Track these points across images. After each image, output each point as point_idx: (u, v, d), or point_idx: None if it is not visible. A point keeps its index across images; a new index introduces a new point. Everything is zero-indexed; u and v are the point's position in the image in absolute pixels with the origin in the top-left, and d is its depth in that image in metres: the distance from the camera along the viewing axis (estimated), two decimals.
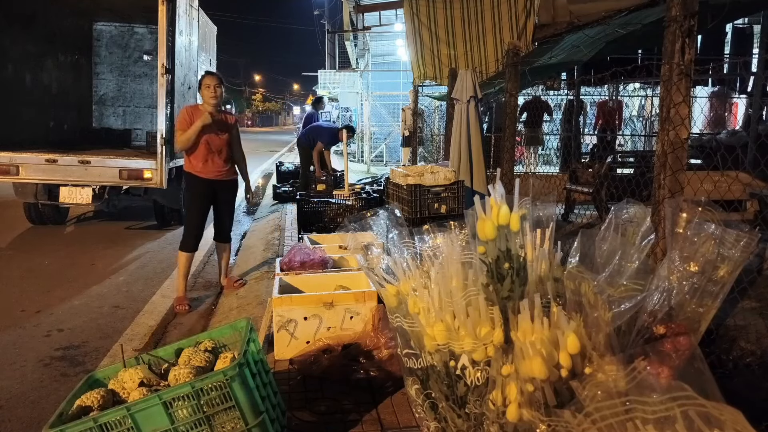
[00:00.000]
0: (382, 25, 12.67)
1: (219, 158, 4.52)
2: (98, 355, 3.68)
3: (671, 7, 2.44)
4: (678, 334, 1.59)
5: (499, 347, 1.86)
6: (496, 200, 2.01)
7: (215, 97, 4.39)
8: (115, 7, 8.19)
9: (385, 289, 2.24)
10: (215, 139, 4.46)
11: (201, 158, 4.46)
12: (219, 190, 4.61)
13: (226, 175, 4.62)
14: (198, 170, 4.48)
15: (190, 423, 1.98)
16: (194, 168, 4.49)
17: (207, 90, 4.39)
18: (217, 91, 4.39)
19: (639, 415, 1.34)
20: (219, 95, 4.42)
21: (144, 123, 9.25)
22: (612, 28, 5.31)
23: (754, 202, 5.54)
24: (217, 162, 4.51)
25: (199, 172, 4.48)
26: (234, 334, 2.46)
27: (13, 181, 6.73)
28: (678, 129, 2.46)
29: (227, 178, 4.63)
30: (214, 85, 4.38)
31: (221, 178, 4.57)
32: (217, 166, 4.52)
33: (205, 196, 4.56)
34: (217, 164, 4.52)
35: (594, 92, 11.34)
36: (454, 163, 5.57)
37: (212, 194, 4.59)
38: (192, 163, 4.50)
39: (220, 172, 4.55)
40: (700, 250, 1.70)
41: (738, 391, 2.56)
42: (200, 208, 4.58)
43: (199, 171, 4.48)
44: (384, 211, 3.67)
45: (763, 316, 3.46)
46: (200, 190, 4.54)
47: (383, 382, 2.74)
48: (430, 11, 7.46)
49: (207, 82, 4.41)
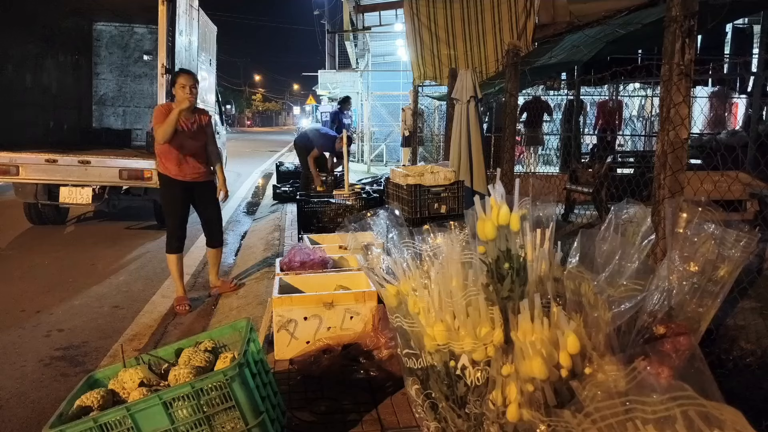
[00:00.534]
0: (382, 25, 12.67)
1: (194, 160, 4.39)
2: (98, 355, 3.68)
3: (671, 7, 2.43)
4: (678, 334, 1.59)
5: (499, 347, 1.86)
6: (496, 200, 2.01)
7: (191, 96, 4.18)
8: (115, 7, 8.19)
9: (385, 289, 2.24)
10: (189, 141, 4.32)
11: (174, 161, 4.32)
12: (198, 192, 4.50)
13: (204, 177, 4.49)
14: (173, 173, 4.35)
15: (190, 423, 1.98)
16: (169, 171, 4.35)
17: (182, 90, 4.16)
18: (192, 91, 4.18)
19: (639, 415, 1.34)
20: (195, 95, 4.22)
21: (144, 123, 9.24)
22: (612, 28, 5.32)
23: (754, 202, 5.54)
24: (192, 164, 4.38)
25: (175, 175, 4.35)
26: (234, 334, 2.46)
27: (13, 181, 6.73)
28: (678, 129, 2.46)
29: (205, 179, 4.51)
30: (189, 85, 4.18)
31: (199, 180, 4.45)
32: (192, 169, 4.39)
33: (182, 199, 4.44)
34: (192, 166, 4.39)
35: (594, 92, 11.34)
36: (454, 163, 5.57)
37: (190, 196, 4.47)
38: (166, 166, 4.36)
39: (197, 173, 4.43)
40: (700, 250, 1.70)
41: (738, 391, 2.56)
42: (179, 211, 4.47)
43: (175, 174, 4.35)
44: (384, 211, 3.68)
45: (763, 316, 3.47)
46: (176, 193, 4.41)
47: (383, 382, 2.74)
48: (430, 11, 7.46)
49: (182, 82, 4.18)
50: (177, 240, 4.50)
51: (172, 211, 4.51)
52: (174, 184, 4.39)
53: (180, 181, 4.39)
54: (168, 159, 4.33)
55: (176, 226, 4.49)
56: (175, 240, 4.49)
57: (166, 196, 4.51)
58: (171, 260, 4.50)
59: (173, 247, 4.49)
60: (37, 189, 6.87)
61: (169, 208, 4.53)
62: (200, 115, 4.49)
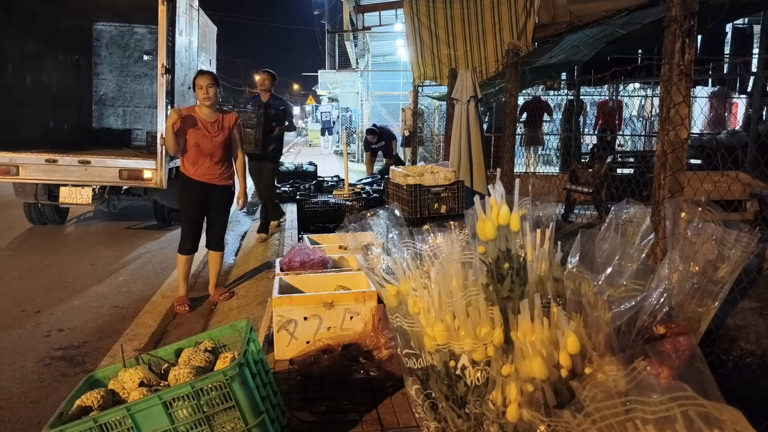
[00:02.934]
0: (382, 25, 12.69)
1: (210, 161, 4.32)
2: (98, 355, 3.68)
3: (671, 7, 2.44)
4: (678, 334, 1.59)
5: (499, 347, 1.86)
6: (496, 200, 2.01)
7: (209, 98, 4.20)
8: (115, 7, 8.18)
9: (385, 289, 2.23)
10: (206, 142, 4.26)
11: (191, 160, 4.31)
12: (211, 194, 4.41)
13: (219, 180, 4.40)
14: (189, 173, 4.33)
15: (190, 423, 1.98)
16: (186, 170, 4.35)
17: (200, 91, 4.20)
18: (209, 92, 4.19)
19: (639, 415, 1.34)
20: (213, 95, 4.22)
21: (144, 123, 9.24)
22: (612, 28, 5.32)
23: (754, 202, 5.54)
24: (207, 165, 4.32)
25: (191, 175, 4.33)
26: (234, 334, 2.46)
27: (13, 181, 6.72)
28: (678, 129, 2.46)
29: (220, 183, 4.41)
30: (206, 85, 4.18)
31: (213, 183, 4.37)
32: (207, 170, 4.33)
33: (196, 199, 4.38)
34: (207, 168, 4.32)
35: (594, 92, 11.34)
36: (454, 163, 5.57)
37: (204, 198, 4.40)
38: (184, 165, 4.37)
39: (211, 176, 4.35)
40: (700, 251, 1.70)
41: (738, 391, 2.56)
42: (191, 210, 4.41)
43: (191, 174, 4.33)
44: (384, 211, 3.67)
45: (763, 316, 3.46)
46: (190, 192, 4.37)
47: (383, 382, 2.74)
48: (430, 11, 7.46)
49: (199, 83, 4.21)
50: (189, 241, 4.45)
51: (185, 211, 4.48)
52: (190, 183, 4.36)
53: (196, 181, 4.34)
54: (186, 157, 4.35)
55: (188, 226, 4.44)
56: (187, 241, 4.45)
57: (181, 195, 4.49)
58: (179, 260, 4.49)
59: (185, 249, 4.45)
60: (37, 189, 6.87)
61: (182, 207, 4.51)
62: (224, 115, 4.39)
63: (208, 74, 4.36)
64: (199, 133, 4.25)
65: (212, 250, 4.64)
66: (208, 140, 4.28)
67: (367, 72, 18.34)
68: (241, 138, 4.55)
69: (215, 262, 4.68)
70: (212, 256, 4.67)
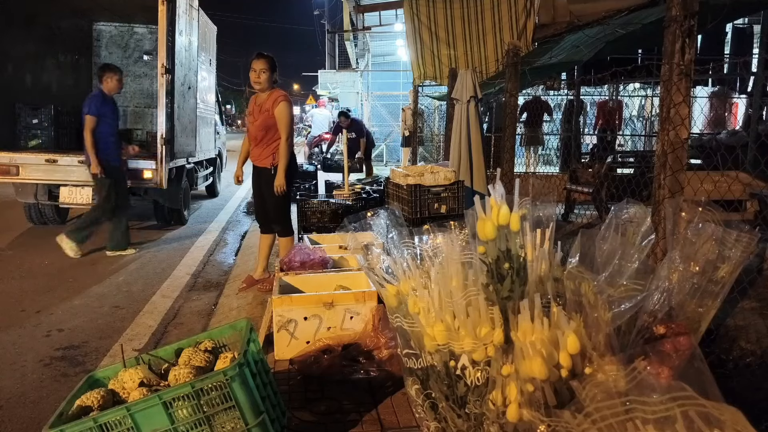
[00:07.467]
0: (382, 25, 12.69)
1: (254, 144, 4.46)
2: (98, 355, 3.68)
3: (671, 7, 2.44)
4: (678, 334, 1.59)
5: (499, 347, 1.86)
6: (496, 200, 2.01)
7: (258, 82, 4.28)
8: (115, 7, 8.19)
9: (385, 289, 2.23)
10: (251, 125, 4.44)
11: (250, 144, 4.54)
12: (260, 177, 4.51)
13: (262, 162, 4.46)
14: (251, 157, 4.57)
15: (190, 423, 1.98)
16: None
17: (252, 73, 4.31)
18: (261, 76, 4.26)
19: (639, 415, 1.34)
20: (264, 80, 4.26)
21: (144, 123, 9.25)
22: (612, 28, 5.32)
23: (754, 202, 5.54)
24: (254, 148, 4.47)
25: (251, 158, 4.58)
26: (234, 334, 2.45)
27: (13, 181, 6.73)
28: (678, 129, 2.46)
29: (262, 165, 4.47)
30: (259, 69, 4.27)
31: (258, 165, 4.50)
32: (254, 152, 4.49)
33: (254, 182, 4.60)
34: (253, 150, 4.48)
35: (594, 92, 11.34)
36: (454, 163, 5.57)
37: (258, 180, 4.55)
38: None
39: (256, 158, 4.49)
40: (700, 251, 1.70)
41: (738, 391, 2.56)
42: (254, 193, 4.70)
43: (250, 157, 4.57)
44: (384, 211, 3.67)
45: (763, 316, 3.46)
46: (253, 177, 4.60)
47: (383, 382, 2.74)
48: (430, 11, 7.46)
49: (253, 66, 4.31)
50: (260, 223, 4.72)
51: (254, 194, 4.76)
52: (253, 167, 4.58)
53: (253, 165, 4.57)
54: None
55: (255, 208, 4.77)
56: (259, 221, 4.72)
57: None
58: (260, 239, 4.75)
59: (261, 229, 4.72)
60: (37, 189, 6.87)
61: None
62: (270, 95, 4.36)
63: (263, 58, 4.33)
64: (250, 117, 4.47)
65: (266, 233, 4.73)
66: (251, 124, 4.47)
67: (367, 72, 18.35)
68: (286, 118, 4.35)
69: (282, 246, 4.60)
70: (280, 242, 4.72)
